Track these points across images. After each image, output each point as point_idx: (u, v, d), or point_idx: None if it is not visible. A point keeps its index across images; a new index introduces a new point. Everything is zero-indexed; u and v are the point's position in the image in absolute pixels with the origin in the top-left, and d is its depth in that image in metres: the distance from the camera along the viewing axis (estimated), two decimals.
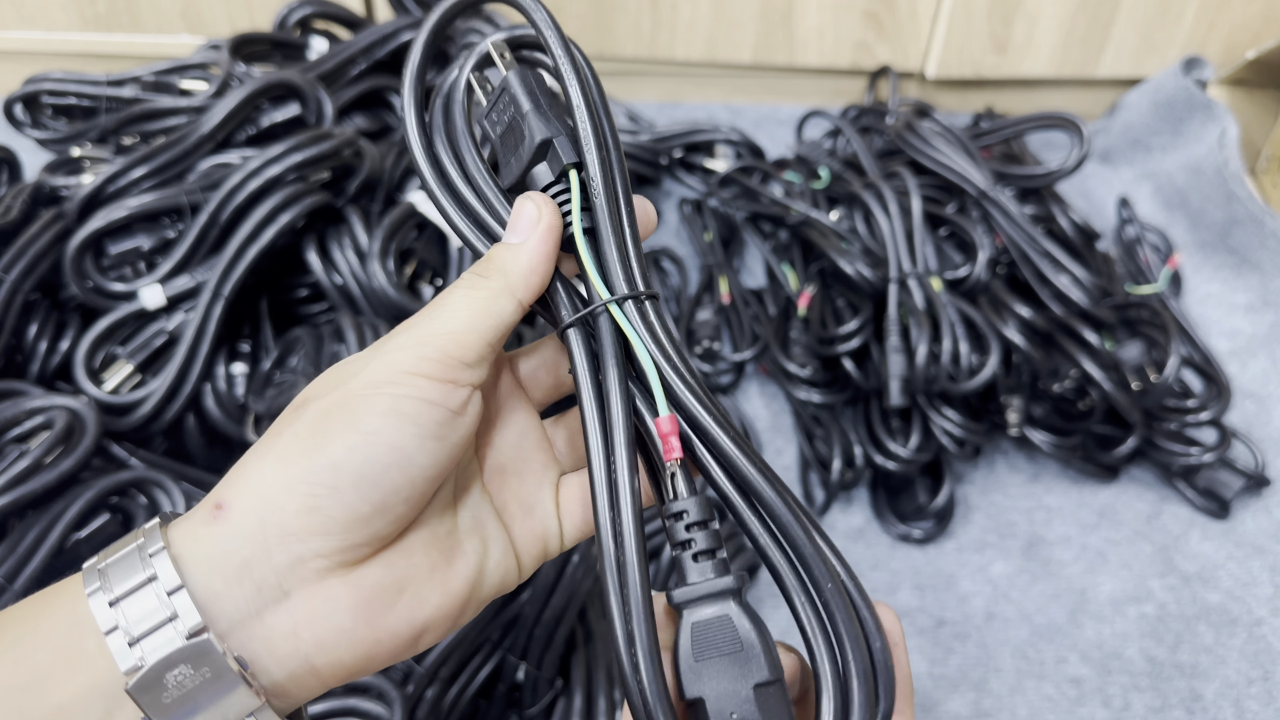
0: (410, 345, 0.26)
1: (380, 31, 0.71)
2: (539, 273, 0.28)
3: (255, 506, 0.24)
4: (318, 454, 0.24)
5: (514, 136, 0.29)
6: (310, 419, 0.25)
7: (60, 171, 0.63)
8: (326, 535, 0.24)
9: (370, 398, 0.25)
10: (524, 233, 0.28)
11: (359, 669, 0.25)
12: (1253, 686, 0.58)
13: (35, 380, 0.56)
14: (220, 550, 0.24)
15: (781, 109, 0.95)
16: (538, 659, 0.49)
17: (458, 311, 0.27)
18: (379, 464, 0.24)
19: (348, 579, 0.25)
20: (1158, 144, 0.89)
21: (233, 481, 0.25)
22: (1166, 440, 0.67)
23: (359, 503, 0.24)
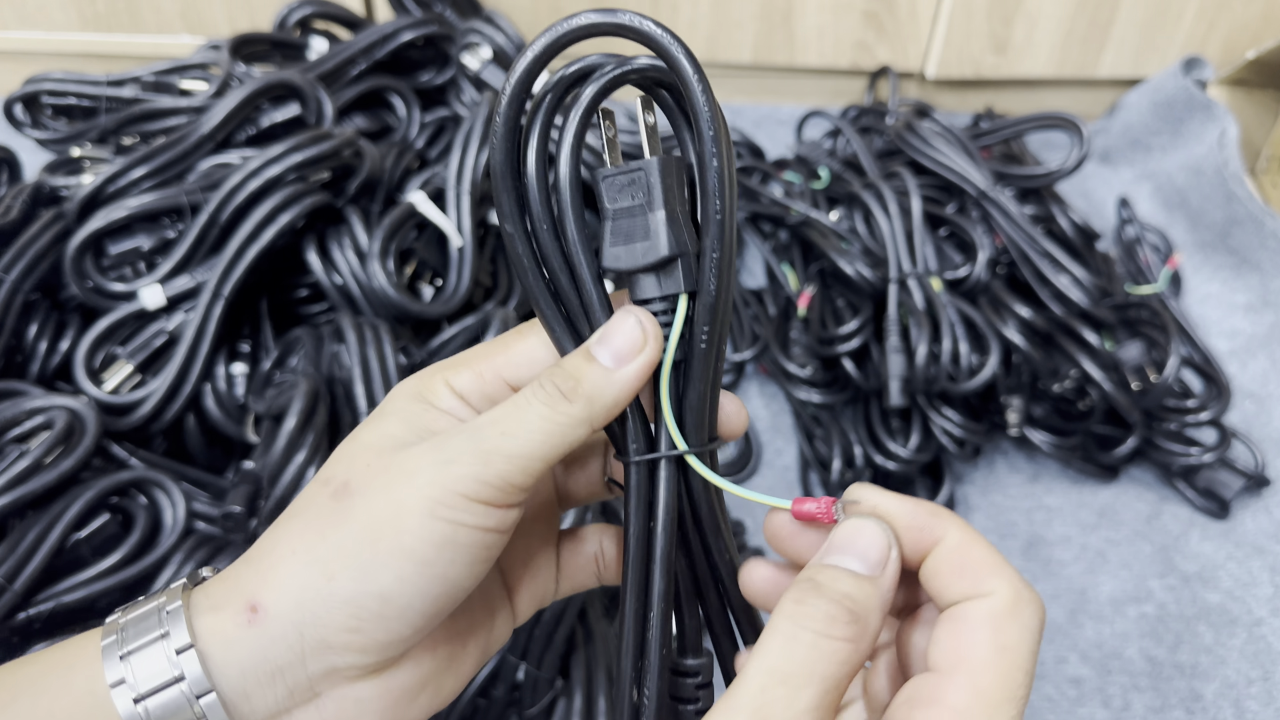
0: (471, 461, 0.24)
1: (380, 31, 0.71)
2: (623, 405, 0.26)
3: (293, 616, 0.23)
4: (368, 580, 0.23)
5: (631, 223, 0.26)
6: (358, 530, 0.24)
7: (60, 171, 0.63)
8: (365, 653, 0.24)
9: (424, 521, 0.24)
10: (621, 358, 0.25)
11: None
12: (1252, 687, 0.58)
13: (35, 380, 0.56)
14: (254, 656, 0.23)
15: (781, 109, 0.95)
16: (538, 659, 0.49)
17: (531, 433, 0.24)
18: (429, 595, 0.24)
19: (378, 682, 0.25)
20: (1157, 144, 0.89)
21: (267, 581, 0.24)
22: (1166, 440, 0.67)
23: (403, 628, 0.24)
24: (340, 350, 0.57)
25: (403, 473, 0.24)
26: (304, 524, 0.25)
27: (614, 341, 0.25)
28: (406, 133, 0.71)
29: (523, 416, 0.25)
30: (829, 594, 0.22)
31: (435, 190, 0.65)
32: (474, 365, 0.27)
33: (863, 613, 0.22)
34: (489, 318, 0.62)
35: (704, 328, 0.26)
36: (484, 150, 0.67)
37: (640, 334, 0.25)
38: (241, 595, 0.24)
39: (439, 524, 0.24)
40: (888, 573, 0.23)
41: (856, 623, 0.22)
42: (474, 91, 0.75)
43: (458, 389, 0.27)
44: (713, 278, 0.25)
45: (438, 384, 0.27)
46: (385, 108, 0.72)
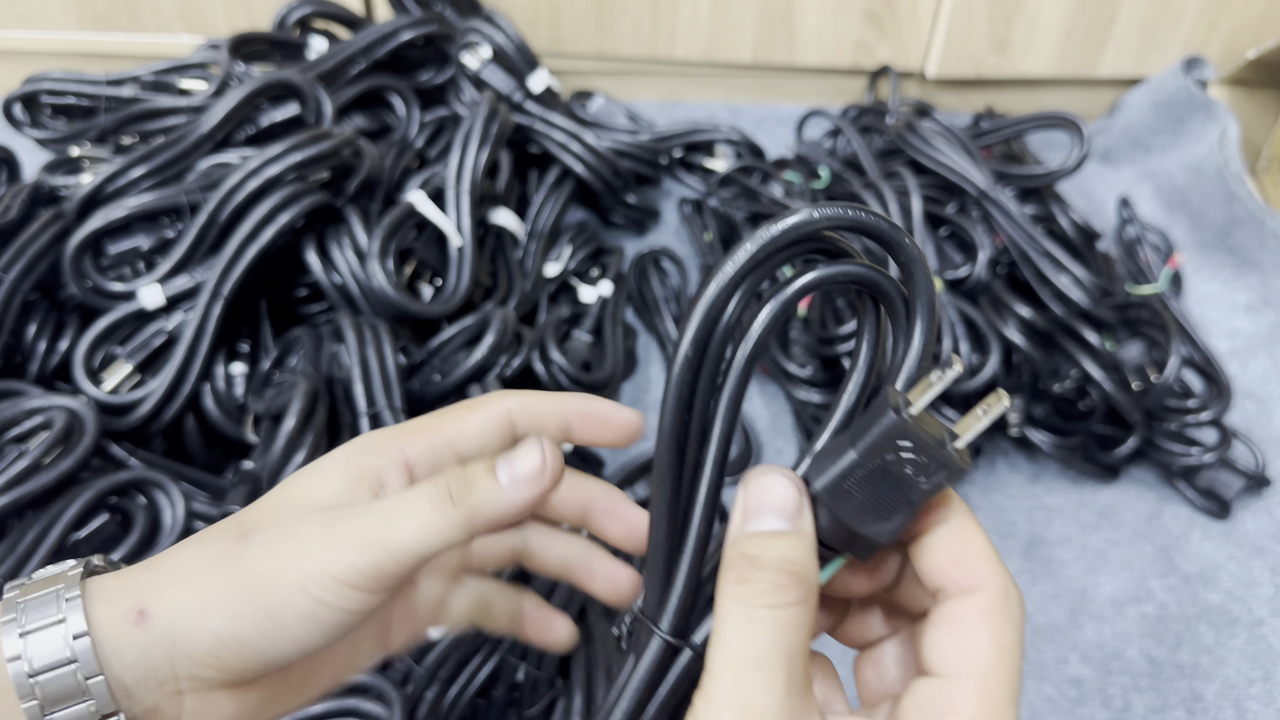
0: (351, 547, 0.26)
1: (380, 31, 0.71)
2: (504, 525, 0.27)
3: (169, 630, 0.26)
4: (232, 625, 0.26)
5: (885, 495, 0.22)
6: (241, 578, 0.26)
7: (59, 171, 0.63)
8: (223, 674, 0.26)
9: (293, 593, 0.26)
10: (516, 482, 0.27)
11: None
12: (1253, 687, 0.58)
13: (34, 380, 0.56)
14: (134, 652, 0.26)
15: (781, 108, 0.94)
16: (537, 659, 0.49)
17: (411, 528, 0.26)
18: (284, 650, 0.26)
19: (233, 694, 0.27)
20: (1158, 144, 0.89)
21: (158, 593, 0.26)
22: (1167, 440, 0.67)
23: (258, 665, 0.27)
24: (339, 350, 0.57)
25: (293, 539, 0.27)
26: (204, 553, 0.27)
27: (515, 464, 0.27)
28: (406, 132, 0.71)
29: (408, 511, 0.26)
30: (767, 564, 0.22)
31: (435, 190, 0.65)
32: (430, 433, 0.29)
33: (803, 571, 0.23)
34: (488, 317, 0.62)
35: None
36: (484, 150, 0.67)
37: (539, 464, 0.27)
38: (134, 597, 0.26)
39: (305, 599, 0.26)
40: (805, 517, 0.23)
41: (802, 583, 0.22)
42: (474, 91, 0.75)
43: (410, 456, 0.29)
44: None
45: (390, 447, 0.29)
46: (385, 107, 0.72)
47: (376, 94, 0.72)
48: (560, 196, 0.77)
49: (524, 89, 0.76)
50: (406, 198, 0.64)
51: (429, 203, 0.64)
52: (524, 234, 0.73)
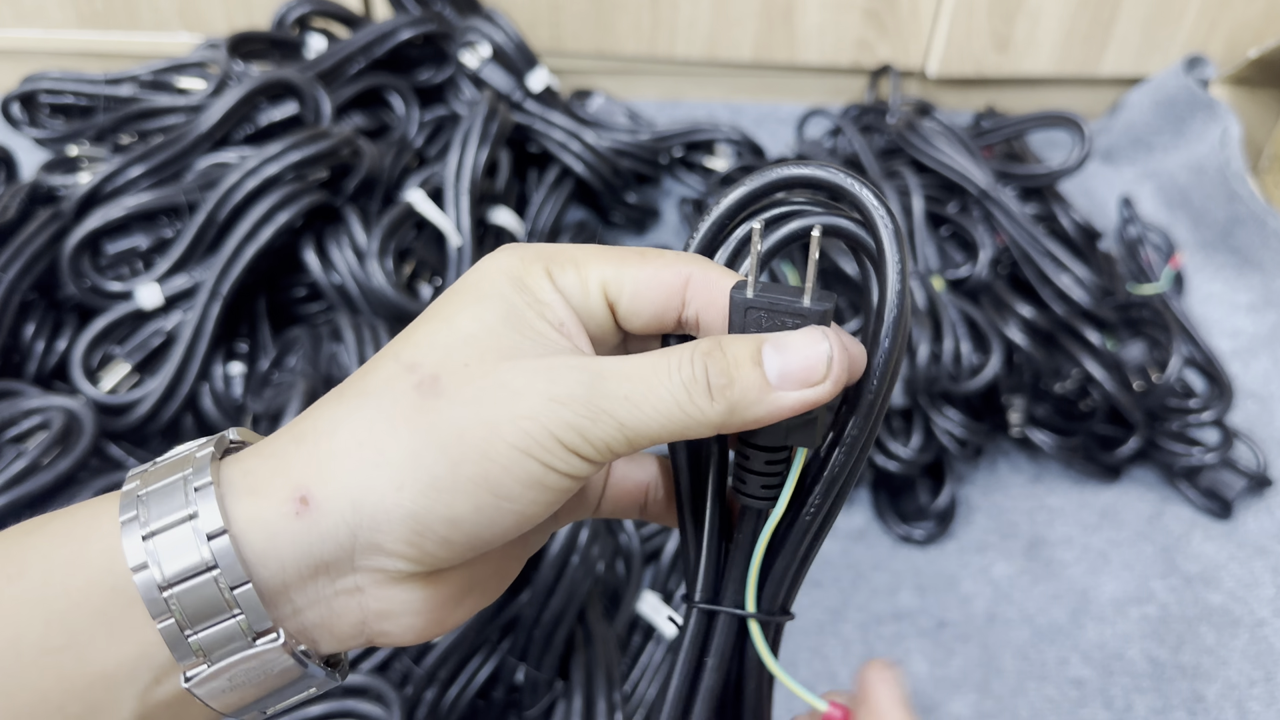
0: (582, 411, 0.21)
1: (379, 30, 0.71)
2: (763, 424, 0.22)
3: (349, 517, 0.21)
4: (440, 503, 0.21)
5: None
6: (440, 439, 0.21)
7: (57, 170, 0.63)
8: (418, 563, 0.22)
9: (518, 458, 0.21)
10: (790, 381, 0.22)
11: (411, 643, 0.24)
12: (1255, 688, 0.58)
13: (32, 380, 0.56)
14: (297, 550, 0.21)
15: (782, 107, 0.94)
16: (537, 660, 0.49)
17: (656, 414, 0.22)
18: (500, 526, 0.22)
19: (426, 585, 0.23)
20: (1160, 143, 0.89)
21: (324, 471, 0.21)
22: (1168, 441, 0.66)
23: (465, 551, 0.22)
24: (338, 350, 0.56)
25: (505, 391, 0.21)
26: (377, 412, 0.22)
27: (791, 358, 0.22)
28: (405, 131, 0.71)
29: (655, 392, 0.22)
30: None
31: (434, 189, 0.65)
32: (580, 266, 0.24)
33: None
34: None
35: (815, 500, 0.24)
36: (483, 149, 0.67)
37: (824, 368, 0.22)
38: (290, 481, 0.21)
39: (531, 463, 0.21)
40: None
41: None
42: (473, 90, 0.74)
43: (561, 285, 0.24)
44: (841, 454, 0.23)
45: (538, 273, 0.23)
46: (384, 106, 0.72)
47: (375, 93, 0.71)
48: (560, 196, 0.76)
49: (523, 88, 0.75)
50: (405, 197, 0.64)
51: (428, 202, 0.64)
52: (523, 233, 0.73)
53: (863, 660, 0.59)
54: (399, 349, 0.23)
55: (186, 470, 0.22)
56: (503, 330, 0.22)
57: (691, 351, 0.22)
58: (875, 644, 0.59)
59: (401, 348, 0.23)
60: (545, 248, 0.24)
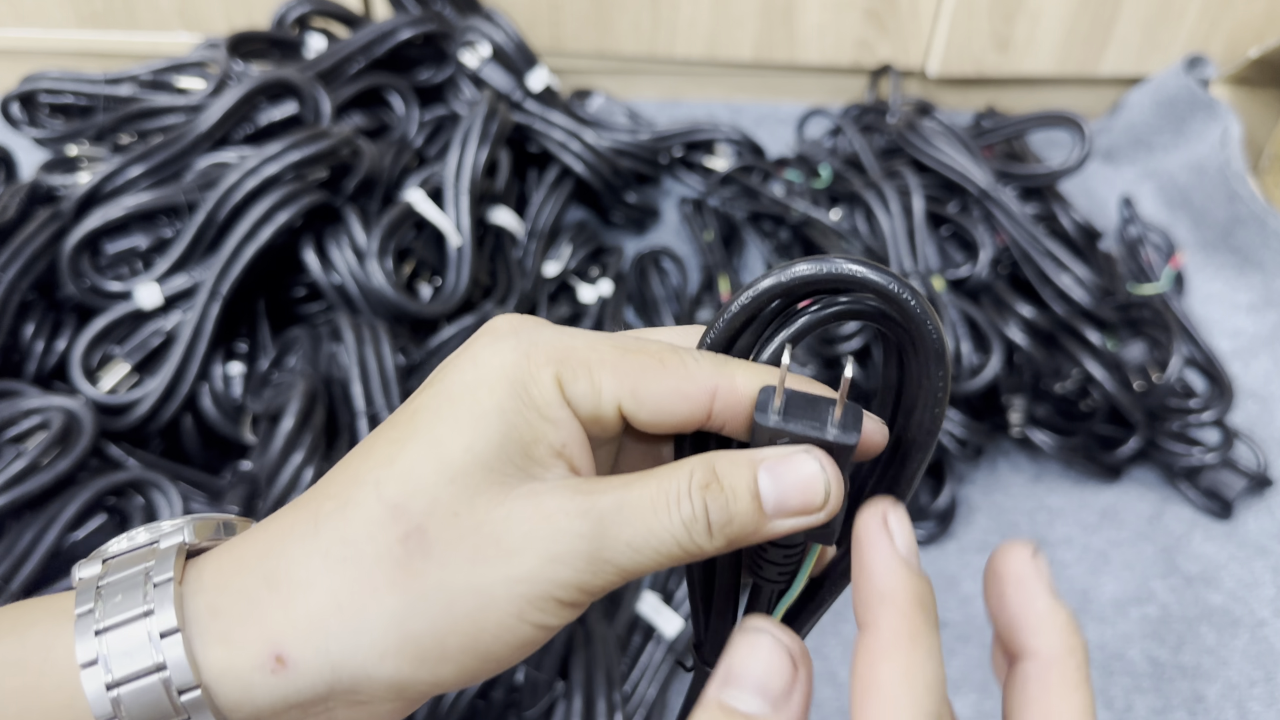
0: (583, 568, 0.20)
1: (379, 29, 0.71)
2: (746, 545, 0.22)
3: (328, 676, 0.20)
4: (425, 671, 0.20)
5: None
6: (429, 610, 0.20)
7: (57, 170, 0.63)
8: (399, 705, 0.22)
9: (511, 625, 0.20)
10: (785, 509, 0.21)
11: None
12: (1255, 688, 0.58)
13: (32, 380, 0.56)
14: (273, 700, 0.21)
15: (782, 107, 0.94)
16: (537, 660, 0.49)
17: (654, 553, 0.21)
18: (480, 677, 0.21)
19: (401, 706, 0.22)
20: (1160, 143, 0.89)
21: (300, 633, 0.20)
22: (1169, 441, 0.66)
23: (440, 693, 0.22)
24: (338, 350, 0.56)
25: (498, 550, 0.20)
26: (358, 570, 0.20)
27: (788, 489, 0.21)
28: (405, 131, 0.71)
29: (658, 535, 0.21)
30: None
31: (434, 189, 0.65)
32: (594, 373, 0.22)
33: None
34: (488, 317, 0.61)
35: (828, 598, 0.24)
36: (483, 148, 0.66)
37: (821, 496, 0.21)
38: (264, 636, 0.20)
39: (525, 628, 0.20)
40: (796, 699, 0.19)
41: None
42: (473, 89, 0.74)
43: (570, 397, 0.22)
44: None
45: (547, 381, 0.21)
46: (383, 106, 0.72)
47: (375, 93, 0.71)
48: (560, 195, 0.76)
49: (523, 87, 0.75)
50: (405, 197, 0.64)
51: (428, 202, 0.64)
52: (523, 233, 0.73)
53: None
54: (380, 476, 0.21)
55: (150, 605, 0.20)
56: (497, 463, 0.21)
57: (689, 482, 0.21)
58: None
59: (384, 475, 0.21)
60: (557, 344, 0.22)
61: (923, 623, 0.19)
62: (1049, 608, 0.21)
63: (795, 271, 0.21)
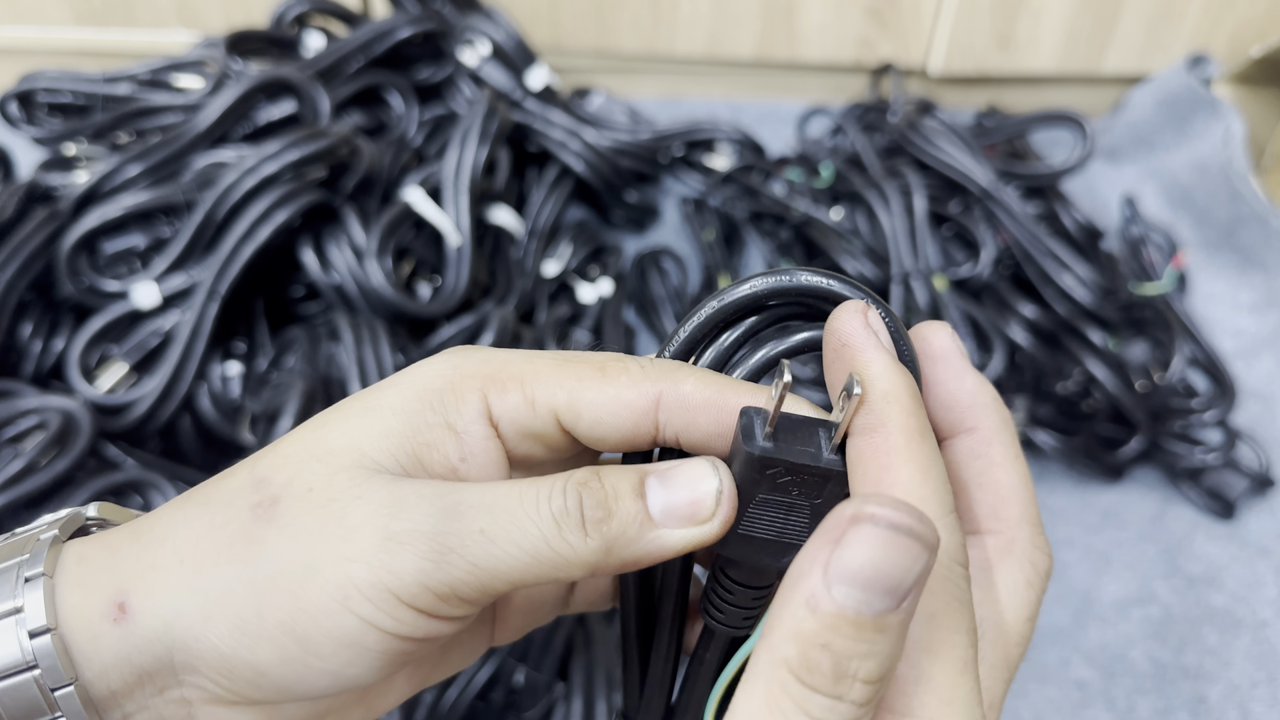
0: (424, 553, 0.19)
1: (378, 28, 0.71)
2: (645, 565, 0.20)
3: (162, 634, 0.20)
4: (244, 646, 0.19)
5: (783, 522, 0.20)
6: (256, 577, 0.19)
7: (55, 169, 0.62)
8: (237, 698, 0.20)
9: (333, 612, 0.19)
10: (674, 517, 0.19)
11: None
12: (1258, 689, 0.58)
13: (29, 380, 0.56)
14: (118, 656, 0.20)
15: (783, 106, 0.94)
16: (537, 661, 0.49)
17: (517, 551, 0.19)
18: (312, 685, 0.19)
19: (259, 713, 0.21)
20: (1162, 142, 0.89)
21: (142, 577, 0.20)
22: (1171, 441, 0.66)
23: (281, 699, 0.20)
24: (336, 350, 0.56)
25: (338, 526, 0.19)
26: (207, 529, 0.20)
27: (676, 492, 0.19)
28: (404, 130, 0.71)
29: (519, 525, 0.19)
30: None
31: (433, 188, 0.65)
32: (528, 385, 0.21)
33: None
34: (487, 317, 0.61)
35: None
36: (482, 147, 0.66)
37: (712, 504, 0.19)
38: (114, 582, 0.20)
39: (348, 619, 0.19)
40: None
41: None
42: (472, 88, 0.74)
43: (495, 413, 0.21)
44: None
45: (470, 398, 0.21)
46: (382, 104, 0.72)
47: (374, 91, 0.71)
48: (560, 195, 0.76)
49: (523, 86, 0.75)
50: (404, 196, 0.64)
51: (427, 201, 0.63)
52: (523, 232, 0.72)
53: None
54: (264, 455, 0.21)
55: (22, 556, 0.20)
56: (376, 454, 0.20)
57: (565, 481, 0.19)
58: None
59: (267, 454, 0.21)
60: (491, 360, 0.21)
61: (925, 417, 0.19)
62: (978, 384, 0.21)
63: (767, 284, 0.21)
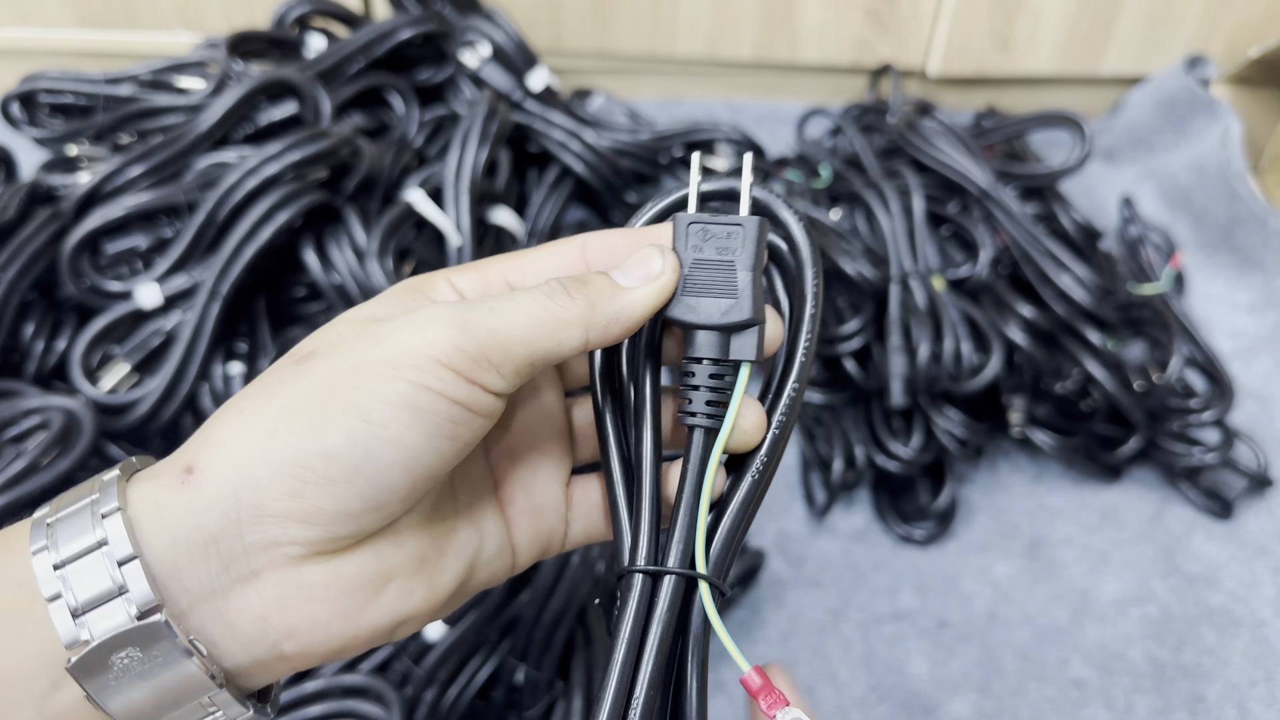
0: (450, 326, 0.22)
1: (379, 29, 0.71)
2: (623, 326, 0.24)
3: (231, 478, 0.21)
4: (313, 437, 0.21)
5: (713, 276, 0.25)
6: (311, 386, 0.22)
7: (57, 170, 0.63)
8: (308, 525, 0.21)
9: (386, 380, 0.21)
10: (635, 279, 0.25)
11: (332, 657, 0.23)
12: (1255, 688, 0.58)
13: (32, 380, 0.56)
14: (186, 522, 0.21)
15: (782, 107, 0.94)
16: (537, 660, 0.49)
17: (522, 314, 0.23)
18: (381, 461, 0.21)
19: (328, 567, 0.22)
20: (1160, 143, 0.89)
21: (208, 442, 0.22)
22: (1169, 441, 0.66)
23: (351, 498, 0.21)
24: None
25: (372, 336, 0.22)
26: (259, 387, 0.23)
27: (633, 266, 0.25)
28: (405, 131, 0.71)
29: (518, 300, 0.23)
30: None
31: (433, 189, 0.65)
32: (480, 269, 0.26)
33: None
34: None
35: (763, 458, 0.25)
36: (483, 148, 0.66)
37: (659, 264, 0.25)
38: (181, 458, 0.22)
39: (400, 383, 0.21)
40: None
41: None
42: (473, 89, 0.74)
43: (459, 286, 0.26)
44: (783, 413, 0.25)
45: (437, 280, 0.26)
46: (383, 106, 0.72)
47: (375, 92, 0.71)
48: (560, 195, 0.76)
49: (523, 87, 0.75)
50: (405, 196, 0.64)
51: (428, 201, 0.64)
52: (523, 233, 0.73)
53: (863, 661, 0.59)
54: (295, 347, 0.25)
55: (93, 495, 0.22)
56: (384, 314, 0.24)
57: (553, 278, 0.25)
58: (875, 644, 0.59)
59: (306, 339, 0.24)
60: (462, 265, 0.27)
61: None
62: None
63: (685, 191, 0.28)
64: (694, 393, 0.25)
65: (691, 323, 0.25)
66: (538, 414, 0.28)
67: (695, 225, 0.25)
